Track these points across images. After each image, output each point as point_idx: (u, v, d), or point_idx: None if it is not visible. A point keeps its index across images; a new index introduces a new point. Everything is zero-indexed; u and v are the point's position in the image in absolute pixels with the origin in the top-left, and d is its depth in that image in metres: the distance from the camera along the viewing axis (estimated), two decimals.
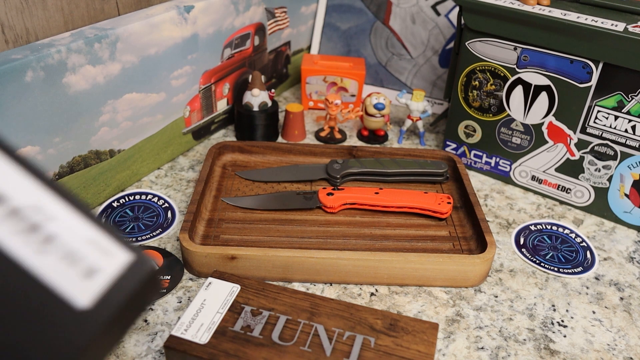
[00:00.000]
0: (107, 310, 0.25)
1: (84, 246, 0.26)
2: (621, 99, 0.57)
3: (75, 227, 0.26)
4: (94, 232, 0.27)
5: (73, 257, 0.26)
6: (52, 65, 0.52)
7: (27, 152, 0.52)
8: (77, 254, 0.26)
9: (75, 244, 0.26)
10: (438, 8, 0.82)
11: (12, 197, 0.26)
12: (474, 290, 0.53)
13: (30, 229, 0.26)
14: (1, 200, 0.26)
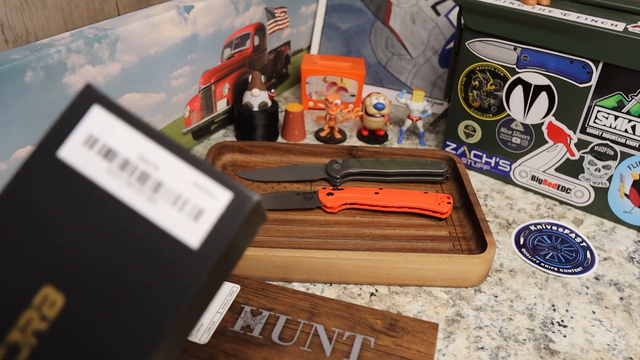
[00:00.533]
0: (217, 246, 0.28)
1: (188, 190, 0.28)
2: (621, 99, 0.57)
3: (178, 172, 0.29)
4: (195, 175, 0.28)
5: (181, 201, 0.28)
6: (52, 65, 0.52)
7: (27, 152, 0.52)
8: (184, 197, 0.28)
9: (181, 189, 0.28)
10: (438, 8, 0.82)
11: (120, 150, 0.29)
12: (473, 290, 0.53)
13: (140, 179, 0.29)
14: (112, 154, 0.29)
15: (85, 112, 0.29)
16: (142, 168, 0.28)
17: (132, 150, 0.29)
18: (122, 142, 0.29)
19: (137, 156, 0.29)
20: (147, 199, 0.28)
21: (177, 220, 0.28)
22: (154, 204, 0.28)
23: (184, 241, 0.28)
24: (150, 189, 0.28)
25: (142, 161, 0.28)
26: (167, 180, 0.28)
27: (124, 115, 0.29)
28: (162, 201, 0.28)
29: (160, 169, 0.28)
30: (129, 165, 0.29)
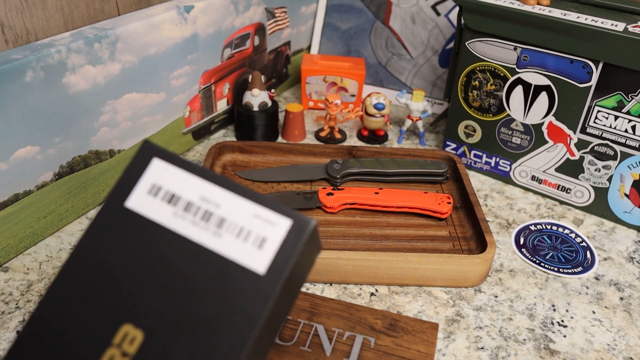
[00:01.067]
0: (282, 269, 0.30)
1: (250, 221, 0.31)
2: (621, 99, 0.57)
3: (238, 207, 0.31)
4: (254, 207, 0.31)
5: (244, 232, 0.31)
6: (52, 65, 0.52)
7: (27, 152, 0.52)
8: (247, 229, 0.31)
9: (243, 221, 0.31)
10: (438, 8, 0.82)
11: (182, 194, 0.32)
12: (473, 290, 0.53)
13: (204, 217, 0.31)
14: (175, 198, 0.32)
15: (146, 165, 0.32)
16: (205, 207, 0.31)
17: (193, 192, 0.32)
18: (183, 186, 0.32)
19: (199, 197, 0.32)
20: (213, 234, 0.31)
21: (243, 250, 0.30)
22: (220, 238, 0.31)
23: (251, 268, 0.30)
24: (215, 225, 0.31)
25: (203, 201, 0.32)
26: (229, 215, 0.31)
27: (181, 163, 0.32)
28: (227, 234, 0.31)
29: (222, 206, 0.31)
30: (193, 207, 0.32)
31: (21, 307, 0.49)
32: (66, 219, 0.59)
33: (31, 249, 0.56)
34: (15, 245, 0.54)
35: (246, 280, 0.30)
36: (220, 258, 0.30)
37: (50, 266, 0.54)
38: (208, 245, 0.31)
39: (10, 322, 0.48)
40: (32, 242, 0.56)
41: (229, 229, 0.31)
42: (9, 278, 0.52)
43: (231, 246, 0.30)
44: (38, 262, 0.54)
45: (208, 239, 0.31)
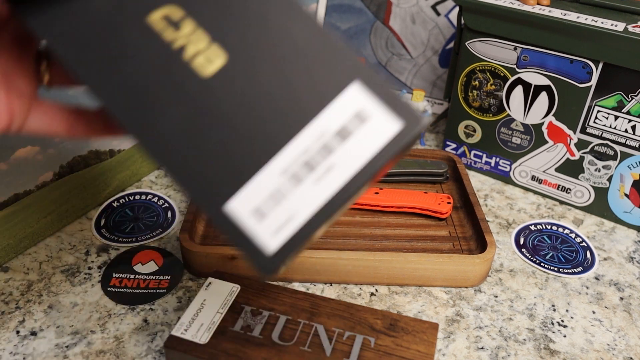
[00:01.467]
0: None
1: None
2: (621, 99, 0.57)
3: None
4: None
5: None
6: None
7: (27, 152, 0.52)
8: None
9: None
10: (438, 8, 0.82)
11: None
12: (473, 290, 0.53)
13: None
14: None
15: None
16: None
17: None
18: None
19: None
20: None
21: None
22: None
23: None
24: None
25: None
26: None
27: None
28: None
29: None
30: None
31: (21, 307, 0.49)
32: (66, 219, 0.59)
33: (31, 249, 0.56)
34: (15, 245, 0.54)
35: None
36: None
37: (50, 266, 0.54)
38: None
39: (10, 322, 0.48)
40: (32, 242, 0.56)
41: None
42: (9, 278, 0.52)
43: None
44: (38, 262, 0.54)
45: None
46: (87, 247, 0.56)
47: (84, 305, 0.50)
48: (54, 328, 0.47)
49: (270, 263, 0.26)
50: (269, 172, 0.26)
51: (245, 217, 0.26)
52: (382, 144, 0.26)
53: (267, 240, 0.26)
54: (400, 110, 0.27)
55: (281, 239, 0.26)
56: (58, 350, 0.45)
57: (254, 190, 0.26)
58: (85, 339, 0.47)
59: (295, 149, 0.26)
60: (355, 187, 0.26)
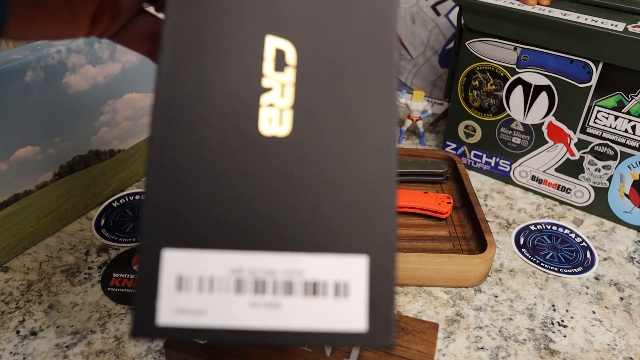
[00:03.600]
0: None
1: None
2: (621, 99, 0.57)
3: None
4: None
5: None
6: (52, 65, 0.52)
7: (27, 152, 0.52)
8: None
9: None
10: (438, 8, 0.82)
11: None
12: (473, 290, 0.53)
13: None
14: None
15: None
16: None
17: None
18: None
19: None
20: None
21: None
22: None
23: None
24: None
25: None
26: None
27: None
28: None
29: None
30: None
31: (21, 307, 0.49)
32: (66, 219, 0.59)
33: (31, 249, 0.56)
34: (15, 245, 0.54)
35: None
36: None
37: (50, 266, 0.54)
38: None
39: (10, 322, 0.48)
40: (32, 242, 0.56)
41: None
42: (9, 278, 0.52)
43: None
44: (38, 262, 0.54)
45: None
46: (87, 247, 0.56)
47: (84, 305, 0.50)
48: (54, 328, 0.47)
49: (149, 329, 0.23)
50: (226, 259, 0.23)
51: (168, 272, 0.23)
52: (331, 328, 0.23)
53: (165, 309, 0.23)
54: (376, 318, 0.23)
55: (176, 321, 0.23)
56: (58, 350, 0.45)
57: (194, 261, 0.23)
58: (85, 339, 0.47)
59: (265, 261, 0.24)
60: (272, 340, 0.23)
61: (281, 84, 0.25)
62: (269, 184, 0.24)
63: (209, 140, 0.24)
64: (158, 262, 0.24)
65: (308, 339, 0.23)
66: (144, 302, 0.23)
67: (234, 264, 0.24)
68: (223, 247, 0.24)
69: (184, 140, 0.24)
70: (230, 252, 0.24)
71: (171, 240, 0.24)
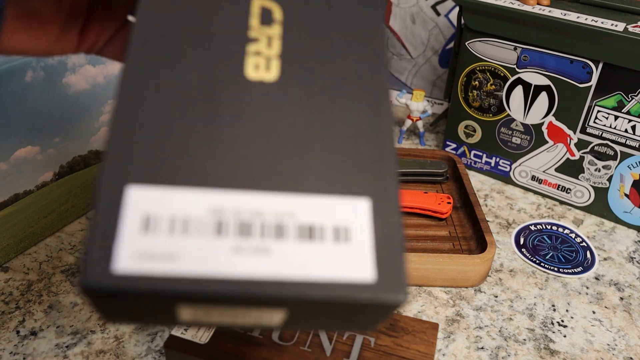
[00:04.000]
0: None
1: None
2: (621, 99, 0.57)
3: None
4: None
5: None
6: (52, 65, 0.52)
7: (27, 152, 0.52)
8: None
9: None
10: (438, 8, 0.82)
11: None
12: (473, 290, 0.53)
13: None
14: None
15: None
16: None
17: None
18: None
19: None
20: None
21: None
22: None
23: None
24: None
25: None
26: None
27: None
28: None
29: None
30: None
31: (21, 307, 0.49)
32: (66, 219, 0.59)
33: (31, 249, 0.56)
34: (15, 245, 0.54)
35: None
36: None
37: (50, 266, 0.54)
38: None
39: (10, 322, 0.48)
40: (32, 242, 0.56)
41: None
42: (9, 278, 0.52)
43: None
44: (38, 262, 0.54)
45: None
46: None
47: (84, 305, 0.50)
48: (54, 328, 0.47)
49: (103, 277, 0.18)
50: (204, 198, 0.20)
51: (133, 211, 0.19)
52: (331, 277, 0.20)
53: (126, 253, 0.19)
54: (385, 266, 0.20)
55: (138, 268, 0.18)
56: (58, 350, 0.45)
57: (166, 199, 0.20)
58: (85, 339, 0.47)
59: (251, 201, 0.20)
60: (260, 291, 0.19)
61: (267, 36, 0.24)
62: (255, 124, 0.22)
63: (188, 80, 0.22)
64: (120, 198, 0.20)
65: (303, 290, 0.19)
66: (98, 245, 0.19)
67: (213, 203, 0.20)
68: (201, 184, 0.20)
69: (159, 78, 0.22)
70: (210, 190, 0.20)
71: (139, 175, 0.20)
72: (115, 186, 0.20)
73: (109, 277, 0.18)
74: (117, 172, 0.20)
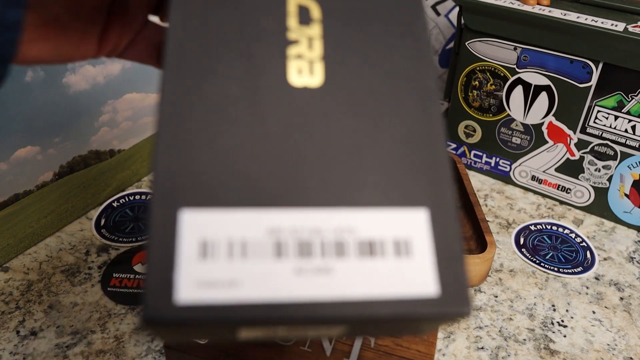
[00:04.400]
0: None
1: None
2: (621, 99, 0.57)
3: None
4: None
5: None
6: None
7: (27, 152, 0.52)
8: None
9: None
10: (438, 8, 0.82)
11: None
12: (474, 290, 0.53)
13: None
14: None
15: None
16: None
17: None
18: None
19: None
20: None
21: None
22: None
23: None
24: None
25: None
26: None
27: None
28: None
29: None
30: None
31: (21, 307, 0.49)
32: (66, 219, 0.59)
33: (31, 249, 0.56)
34: (15, 245, 0.54)
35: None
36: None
37: (50, 266, 0.54)
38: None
39: (10, 322, 0.48)
40: (32, 242, 0.56)
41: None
42: (9, 278, 0.52)
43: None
44: (38, 262, 0.54)
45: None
46: (87, 247, 0.56)
47: (84, 305, 0.50)
48: (54, 328, 0.47)
49: (167, 310, 0.18)
50: (260, 218, 0.19)
51: (188, 237, 0.19)
52: (395, 293, 0.19)
53: (187, 283, 0.18)
54: (448, 278, 0.20)
55: (201, 297, 0.18)
56: (58, 350, 0.45)
57: (221, 222, 0.19)
58: (85, 339, 0.47)
59: (309, 218, 0.20)
60: (326, 313, 0.19)
61: (308, 36, 0.23)
62: (305, 135, 0.21)
63: (230, 92, 0.21)
64: (175, 225, 0.19)
65: (369, 308, 0.19)
66: (158, 277, 0.18)
67: (270, 223, 0.19)
68: (256, 204, 0.19)
69: (201, 90, 0.21)
70: (265, 209, 0.19)
71: (191, 198, 0.19)
72: (168, 212, 0.19)
73: (171, 308, 0.18)
74: (168, 196, 0.19)
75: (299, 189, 0.20)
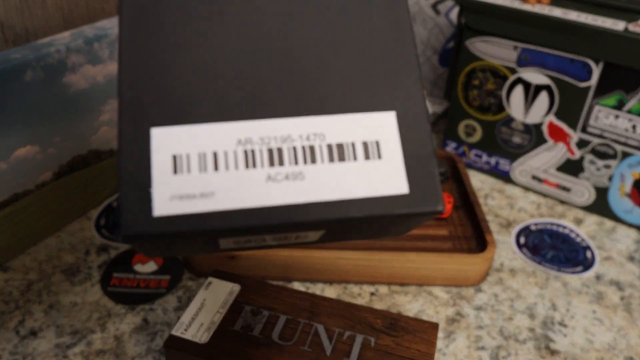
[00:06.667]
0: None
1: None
2: (621, 98, 0.57)
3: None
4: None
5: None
6: (52, 64, 0.52)
7: (27, 152, 0.52)
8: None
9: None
10: (438, 7, 0.82)
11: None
12: (474, 289, 0.53)
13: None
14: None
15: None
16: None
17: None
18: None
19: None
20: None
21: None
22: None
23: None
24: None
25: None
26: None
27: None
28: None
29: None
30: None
31: (21, 307, 0.49)
32: (66, 219, 0.59)
33: (31, 248, 0.56)
34: (15, 245, 0.54)
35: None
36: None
37: (50, 266, 0.54)
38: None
39: (10, 322, 0.48)
40: (32, 242, 0.56)
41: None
42: (9, 278, 0.52)
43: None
44: (38, 262, 0.54)
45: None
46: (87, 247, 0.56)
47: (84, 305, 0.50)
48: (54, 328, 0.47)
49: (144, 223, 0.18)
50: (229, 130, 0.19)
51: (160, 153, 0.19)
52: (367, 193, 0.20)
53: (162, 198, 0.19)
54: (418, 178, 0.21)
55: (177, 210, 0.18)
56: (58, 350, 0.45)
57: (191, 138, 0.19)
58: (85, 338, 0.47)
59: (278, 128, 0.20)
60: (301, 217, 0.19)
61: None
62: (270, 43, 0.21)
63: (192, 7, 0.21)
64: (147, 143, 0.19)
65: (342, 210, 0.19)
66: (134, 194, 0.18)
67: (240, 135, 0.20)
68: (224, 118, 0.20)
69: (159, 12, 0.21)
70: (234, 122, 0.20)
71: (159, 116, 0.19)
72: (138, 131, 0.19)
73: (149, 221, 0.18)
74: (136, 117, 0.19)
75: (266, 100, 0.20)
